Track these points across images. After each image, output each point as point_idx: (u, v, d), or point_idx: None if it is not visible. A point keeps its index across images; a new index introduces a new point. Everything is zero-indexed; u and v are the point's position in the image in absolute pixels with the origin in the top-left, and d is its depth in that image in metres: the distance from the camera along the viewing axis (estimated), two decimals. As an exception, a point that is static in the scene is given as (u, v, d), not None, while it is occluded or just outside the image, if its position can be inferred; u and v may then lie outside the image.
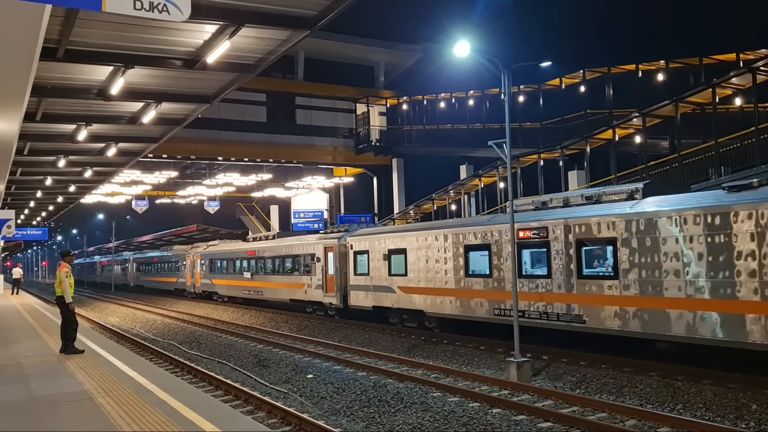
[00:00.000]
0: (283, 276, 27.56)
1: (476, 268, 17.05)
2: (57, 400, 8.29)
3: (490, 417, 10.07)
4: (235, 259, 32.75)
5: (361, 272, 21.69)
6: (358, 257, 21.94)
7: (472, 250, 17.15)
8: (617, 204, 13.69)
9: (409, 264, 19.29)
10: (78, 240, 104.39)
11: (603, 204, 14.12)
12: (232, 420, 7.53)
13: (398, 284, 19.76)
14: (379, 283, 20.69)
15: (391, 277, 20.07)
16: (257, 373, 14.34)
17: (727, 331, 11.24)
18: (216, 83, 15.66)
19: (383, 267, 20.48)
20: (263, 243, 30.66)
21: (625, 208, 13.27)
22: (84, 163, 24.57)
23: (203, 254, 37.01)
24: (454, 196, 35.17)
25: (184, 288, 40.00)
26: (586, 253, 14.09)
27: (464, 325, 17.78)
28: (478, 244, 16.95)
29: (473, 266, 17.14)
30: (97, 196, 40.14)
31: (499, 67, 13.53)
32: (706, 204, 11.81)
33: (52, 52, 11.84)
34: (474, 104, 39.31)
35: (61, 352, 12.16)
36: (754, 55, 28.49)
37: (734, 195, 11.56)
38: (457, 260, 17.50)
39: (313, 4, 11.10)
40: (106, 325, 25.36)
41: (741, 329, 10.98)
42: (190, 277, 38.95)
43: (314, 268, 24.71)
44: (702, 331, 11.59)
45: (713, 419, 9.66)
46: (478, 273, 16.93)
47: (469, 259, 17.26)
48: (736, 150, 20.84)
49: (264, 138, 37.64)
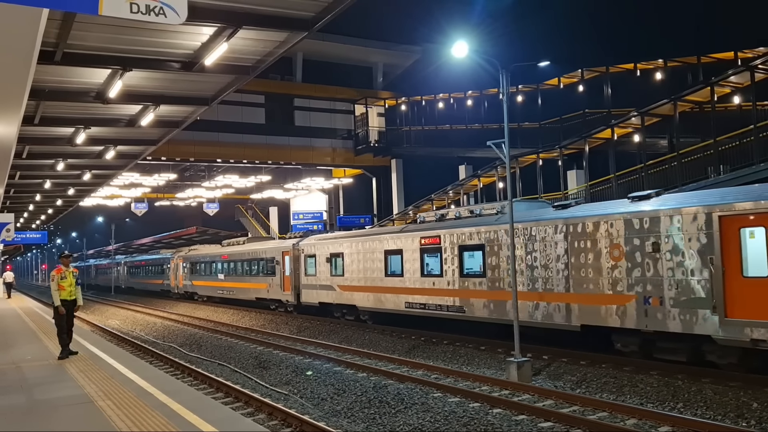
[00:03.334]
0: (250, 277, 30.67)
1: (393, 269, 19.93)
2: (57, 404, 8.28)
3: (490, 417, 10.07)
4: (211, 262, 36.10)
5: (310, 273, 24.70)
6: (308, 260, 24.94)
7: (390, 255, 20.07)
8: (489, 217, 16.92)
9: (346, 266, 22.21)
10: (77, 243, 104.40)
11: (482, 217, 17.34)
12: (232, 422, 7.53)
13: (338, 283, 22.70)
14: (323, 282, 23.67)
15: (332, 277, 23.04)
16: (258, 375, 14.33)
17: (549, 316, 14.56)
18: (214, 85, 15.65)
19: (326, 269, 23.44)
20: (234, 248, 33.76)
21: (492, 221, 16.47)
22: (83, 166, 24.57)
23: (185, 258, 40.46)
24: (453, 197, 35.18)
25: (170, 289, 43.07)
26: (465, 257, 17.19)
27: (391, 317, 20.44)
28: (393, 249, 19.93)
29: (391, 268, 20.01)
30: (96, 198, 40.13)
31: (498, 67, 13.53)
32: (539, 218, 15.05)
33: (50, 55, 11.83)
34: (472, 104, 39.34)
35: (59, 359, 11.88)
36: (753, 54, 28.51)
37: (560, 211, 14.86)
38: (379, 263, 20.41)
39: (311, 5, 11.10)
40: (106, 328, 25.34)
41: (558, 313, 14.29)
42: (173, 278, 42.30)
43: (275, 270, 27.76)
44: (543, 318, 14.69)
45: (714, 418, 9.65)
46: (394, 273, 19.81)
47: (388, 262, 20.17)
48: (734, 148, 20.84)
49: (263, 140, 37.64)
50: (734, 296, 11.01)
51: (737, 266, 11.04)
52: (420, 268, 18.57)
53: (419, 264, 18.66)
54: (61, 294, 11.91)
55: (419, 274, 18.65)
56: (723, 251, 11.20)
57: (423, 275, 18.45)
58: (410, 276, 19.03)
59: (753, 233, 10.93)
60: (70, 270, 12.14)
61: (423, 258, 18.54)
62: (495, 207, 17.27)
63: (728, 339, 11.06)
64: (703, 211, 11.59)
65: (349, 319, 22.37)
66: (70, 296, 12.02)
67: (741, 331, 10.82)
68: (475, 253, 16.75)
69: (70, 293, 11.99)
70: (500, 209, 16.87)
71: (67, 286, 11.95)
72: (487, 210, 17.52)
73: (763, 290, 10.64)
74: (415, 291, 18.77)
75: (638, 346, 12.95)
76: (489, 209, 17.47)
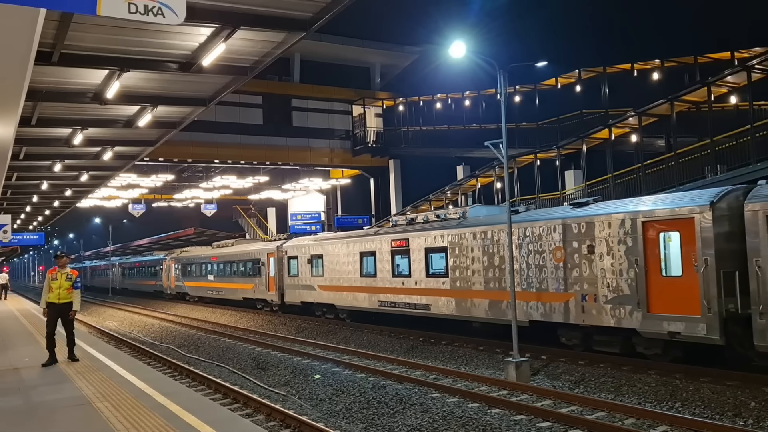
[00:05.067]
0: (237, 278, 31.85)
1: (367, 270, 21.04)
2: (55, 406, 8.26)
3: (489, 417, 10.07)
4: (201, 264, 37.18)
5: (293, 274, 26.00)
6: (291, 261, 26.16)
7: (365, 256, 21.28)
8: (453, 221, 18.00)
9: (325, 267, 23.43)
10: (75, 244, 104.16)
11: (446, 221, 18.38)
12: (231, 423, 7.52)
13: (318, 283, 23.98)
14: (305, 282, 24.97)
15: (313, 278, 24.33)
16: (256, 376, 14.32)
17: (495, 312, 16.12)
18: (212, 86, 15.61)
19: (307, 269, 24.72)
20: (223, 249, 34.92)
21: (454, 225, 17.66)
22: (80, 167, 24.50)
23: (177, 259, 41.56)
24: (451, 197, 35.19)
25: (162, 289, 44.06)
26: (431, 259, 18.41)
27: (367, 315, 21.52)
28: (367, 251, 21.07)
29: (366, 269, 21.15)
30: (93, 200, 40.02)
31: (495, 67, 13.54)
32: (495, 222, 16.31)
33: (47, 56, 11.79)
34: (470, 105, 39.35)
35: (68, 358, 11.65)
36: (749, 53, 28.56)
37: (512, 216, 15.45)
38: (355, 264, 21.61)
39: (309, 6, 11.08)
40: (104, 330, 25.30)
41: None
42: (166, 279, 43.41)
43: (260, 270, 28.90)
44: (495, 314, 16.08)
45: (712, 417, 9.66)
46: (368, 274, 20.98)
47: (362, 263, 21.35)
48: (731, 148, 20.87)
49: (260, 140, 37.61)
50: (655, 293, 12.36)
51: (657, 267, 12.41)
52: (391, 268, 19.91)
53: (390, 265, 19.97)
54: (49, 296, 11.30)
55: (390, 275, 19.95)
56: (646, 253, 12.58)
57: (394, 275, 19.79)
58: (382, 276, 20.28)
59: (670, 237, 12.33)
60: (65, 271, 11.45)
61: (394, 259, 19.86)
62: (458, 212, 18.49)
63: (650, 332, 12.41)
64: (629, 217, 12.95)
65: (329, 317, 23.58)
66: (59, 299, 11.27)
67: (660, 325, 12.17)
68: (440, 254, 18.07)
69: (58, 296, 11.25)
70: (462, 214, 18.12)
71: (56, 288, 11.25)
72: (451, 215, 18.64)
73: (678, 288, 11.98)
74: (386, 290, 20.08)
75: (580, 340, 14.19)
76: (453, 214, 18.61)
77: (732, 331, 11.35)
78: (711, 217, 11.50)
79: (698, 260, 11.59)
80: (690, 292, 11.69)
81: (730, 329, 11.35)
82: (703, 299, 11.44)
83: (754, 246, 10.92)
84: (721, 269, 11.32)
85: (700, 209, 11.71)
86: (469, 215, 17.90)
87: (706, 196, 11.95)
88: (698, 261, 11.59)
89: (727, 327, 11.32)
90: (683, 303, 11.79)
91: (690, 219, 11.82)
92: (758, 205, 10.97)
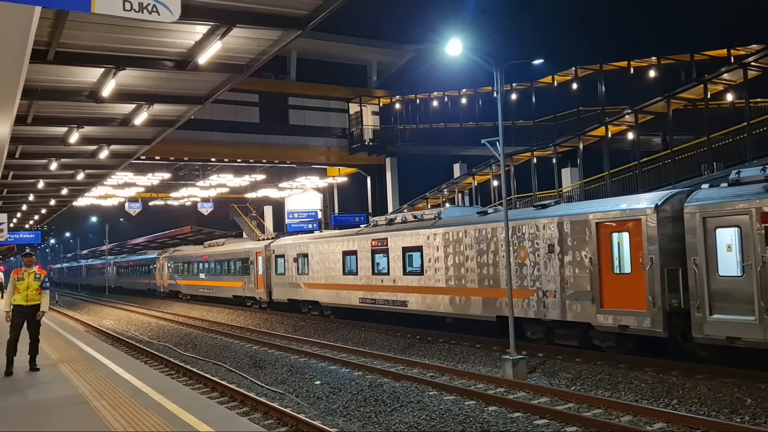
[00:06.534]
0: (228, 276, 32.67)
1: (350, 268, 21.85)
2: (52, 404, 8.24)
3: (486, 415, 10.08)
4: (192, 262, 38.11)
5: (280, 272, 26.80)
6: (278, 260, 27.00)
7: (347, 255, 22.05)
8: (428, 222, 18.79)
9: (310, 265, 24.28)
10: (71, 243, 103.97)
11: (422, 222, 19.20)
12: (228, 422, 7.52)
13: (303, 281, 24.79)
14: (291, 280, 25.80)
15: (299, 276, 25.12)
16: (253, 375, 14.31)
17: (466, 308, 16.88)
18: (208, 84, 15.59)
19: (294, 268, 25.53)
20: (214, 249, 35.60)
21: (429, 226, 18.48)
22: (76, 165, 24.44)
23: (169, 258, 42.55)
24: (448, 195, 35.20)
25: (156, 288, 44.99)
26: (407, 257, 19.21)
27: (349, 312, 22.30)
28: (350, 250, 21.86)
29: (348, 267, 21.96)
30: (89, 198, 39.92)
31: (492, 65, 13.53)
32: (465, 223, 17.21)
33: (43, 54, 11.74)
34: (467, 103, 39.34)
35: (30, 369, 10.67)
36: (745, 51, 28.60)
37: (482, 217, 17.03)
38: (338, 263, 22.40)
39: (305, 3, 11.05)
40: (100, 328, 25.26)
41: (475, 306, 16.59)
42: (159, 278, 44.41)
43: (249, 269, 29.65)
44: (463, 310, 16.91)
45: (708, 414, 9.70)
46: (350, 272, 21.76)
47: (345, 262, 22.16)
48: (728, 146, 20.91)
49: (257, 139, 37.52)
50: (607, 290, 13.23)
51: (609, 265, 13.27)
52: (371, 267, 20.72)
53: (371, 263, 20.76)
54: (15, 298, 10.47)
55: (370, 273, 20.76)
56: (599, 252, 13.42)
57: (374, 273, 20.64)
58: (363, 274, 21.10)
59: (621, 237, 13.14)
60: (32, 271, 10.65)
61: (374, 258, 20.68)
62: (434, 213, 19.32)
63: (604, 325, 13.28)
64: (585, 218, 13.77)
65: (315, 314, 24.50)
66: (27, 301, 10.50)
67: (612, 319, 13.05)
68: (415, 254, 18.92)
69: (26, 297, 10.47)
70: (437, 215, 18.93)
71: (24, 290, 10.46)
72: (427, 215, 19.44)
73: (627, 285, 12.83)
74: (367, 288, 20.94)
75: (543, 334, 14.92)
76: (429, 215, 19.39)
77: (675, 324, 12.24)
78: (656, 219, 12.38)
79: (645, 259, 12.44)
80: (638, 289, 12.55)
81: (674, 323, 12.25)
82: (648, 295, 12.30)
83: (692, 245, 11.78)
84: (665, 267, 12.17)
85: (646, 211, 12.56)
86: (444, 216, 18.64)
87: (652, 200, 12.82)
88: (645, 259, 12.43)
89: (671, 320, 12.22)
90: (632, 298, 12.65)
91: (638, 220, 12.67)
92: (696, 207, 11.80)
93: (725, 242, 11.45)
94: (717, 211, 11.47)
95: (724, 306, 11.26)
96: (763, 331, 10.61)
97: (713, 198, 11.74)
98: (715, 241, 11.49)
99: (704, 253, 11.55)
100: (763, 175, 11.42)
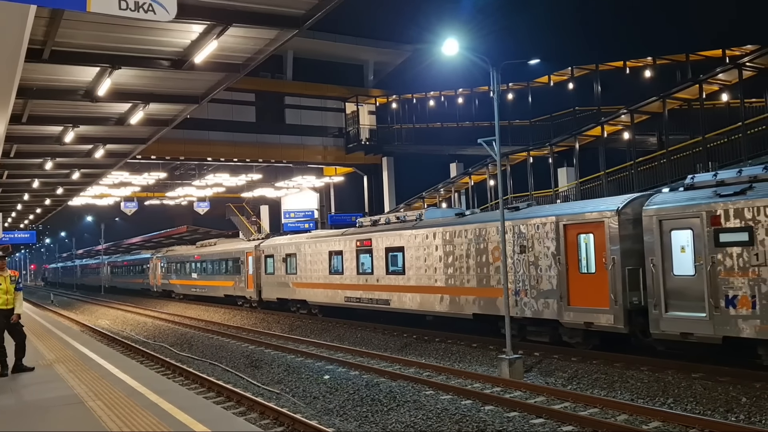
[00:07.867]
0: (219, 276, 33.14)
1: (336, 268, 22.41)
2: (47, 405, 8.22)
3: (482, 414, 10.09)
4: (185, 262, 38.51)
5: (270, 272, 27.33)
6: (268, 260, 27.53)
7: (333, 255, 22.57)
8: (410, 223, 19.40)
9: (298, 265, 24.73)
10: (67, 243, 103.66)
11: (405, 223, 19.73)
12: (224, 421, 7.50)
13: (291, 281, 25.27)
14: (280, 280, 26.31)
15: (287, 275, 25.64)
16: (249, 374, 14.29)
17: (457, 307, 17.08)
18: (204, 83, 15.56)
19: (282, 267, 26.04)
20: (206, 249, 35.99)
21: (410, 227, 19.03)
22: (71, 165, 24.37)
23: (162, 258, 42.87)
24: (444, 194, 35.22)
25: (149, 287, 45.37)
26: (390, 257, 19.70)
27: (337, 310, 22.77)
28: (336, 250, 22.39)
29: (334, 267, 22.52)
30: (85, 198, 39.83)
31: (488, 64, 13.54)
32: (445, 224, 17.68)
33: (38, 53, 11.71)
34: (463, 102, 39.38)
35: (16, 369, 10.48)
36: (740, 51, 28.69)
37: (460, 218, 17.58)
38: (325, 263, 22.91)
39: (302, 3, 11.05)
40: (96, 328, 25.19)
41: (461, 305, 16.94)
42: (152, 278, 44.72)
43: (240, 269, 30.11)
44: (443, 308, 17.43)
45: (703, 413, 9.72)
46: (336, 272, 22.33)
47: (331, 262, 22.64)
48: (723, 145, 20.97)
49: (253, 138, 37.49)
50: (574, 288, 13.82)
51: (576, 264, 13.86)
52: (356, 266, 21.20)
53: (356, 263, 21.23)
54: None
55: (356, 272, 21.22)
56: (567, 253, 14.00)
57: (358, 273, 21.11)
58: (349, 274, 21.62)
59: (587, 239, 13.70)
60: (7, 274, 10.39)
61: (359, 258, 21.17)
62: (416, 214, 19.86)
63: (571, 322, 13.89)
64: (553, 220, 14.33)
65: (303, 312, 25.03)
66: (6, 305, 10.29)
67: (578, 316, 13.64)
68: (398, 254, 19.41)
69: (6, 302, 10.27)
70: (419, 216, 19.51)
71: (2, 294, 10.23)
72: (410, 217, 19.96)
73: (592, 284, 13.41)
74: (352, 287, 21.43)
75: (517, 330, 15.15)
76: (411, 216, 19.91)
77: (635, 321, 12.82)
78: (617, 221, 13.01)
79: (608, 259, 13.05)
80: (601, 287, 13.16)
81: (634, 319, 12.83)
82: (611, 293, 12.92)
83: (650, 246, 12.36)
84: (626, 267, 12.77)
85: (608, 214, 13.18)
86: (425, 217, 19.19)
87: (615, 203, 13.46)
88: (608, 260, 13.05)
89: (631, 317, 12.82)
90: (596, 297, 13.25)
91: (601, 222, 13.31)
92: (653, 210, 12.38)
93: (680, 243, 12.04)
94: (672, 214, 12.09)
95: (678, 303, 11.90)
96: (713, 327, 11.24)
97: (669, 202, 12.37)
98: (671, 243, 12.10)
99: (660, 254, 12.16)
100: (714, 180, 12.06)
